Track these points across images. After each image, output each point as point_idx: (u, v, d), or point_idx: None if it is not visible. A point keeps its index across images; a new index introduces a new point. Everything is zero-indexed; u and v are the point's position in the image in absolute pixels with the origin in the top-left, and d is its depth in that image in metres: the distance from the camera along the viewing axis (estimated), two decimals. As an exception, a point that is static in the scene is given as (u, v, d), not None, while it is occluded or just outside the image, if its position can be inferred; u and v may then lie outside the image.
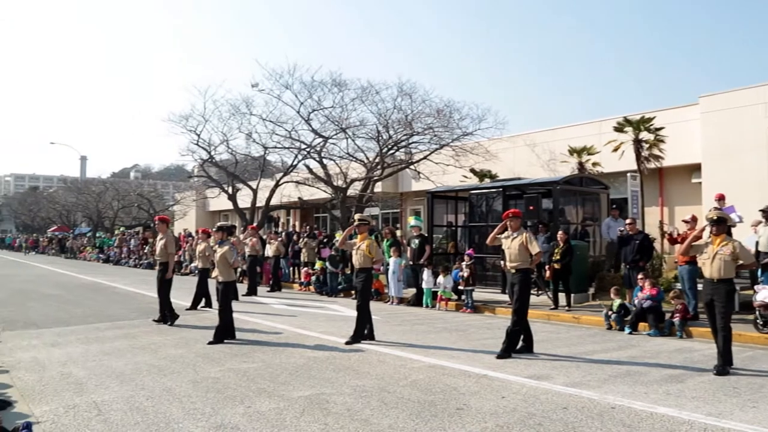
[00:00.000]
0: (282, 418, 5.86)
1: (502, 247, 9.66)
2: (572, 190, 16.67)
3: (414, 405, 6.27)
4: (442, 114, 22.84)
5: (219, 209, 42.55)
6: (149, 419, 5.84)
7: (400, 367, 8.15)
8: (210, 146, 28.22)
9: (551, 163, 21.89)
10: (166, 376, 7.58)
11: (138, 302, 15.84)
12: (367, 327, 10.13)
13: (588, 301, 14.46)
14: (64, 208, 59.91)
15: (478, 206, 17.55)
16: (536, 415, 5.95)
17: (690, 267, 11.82)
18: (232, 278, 10.57)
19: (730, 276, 8.05)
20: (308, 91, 23.83)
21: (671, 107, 19.60)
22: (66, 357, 8.79)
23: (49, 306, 14.93)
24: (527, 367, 8.16)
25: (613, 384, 7.19)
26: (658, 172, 19.64)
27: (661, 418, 5.83)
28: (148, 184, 66.97)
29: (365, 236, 10.37)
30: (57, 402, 6.45)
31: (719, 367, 7.79)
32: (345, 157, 25.17)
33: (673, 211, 19.81)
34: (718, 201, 13.13)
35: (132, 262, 33.79)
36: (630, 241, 12.90)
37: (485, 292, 15.67)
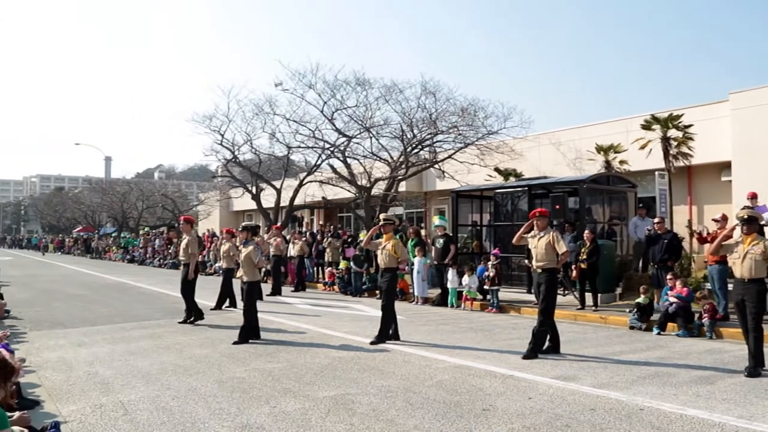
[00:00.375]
0: (307, 418, 5.86)
1: (528, 246, 9.58)
2: (599, 189, 16.48)
3: (439, 406, 6.24)
4: (466, 113, 22.72)
5: (243, 209, 42.78)
6: (175, 419, 5.87)
7: (425, 367, 8.12)
8: (234, 146, 28.41)
9: (577, 161, 21.69)
10: (191, 376, 7.62)
11: (163, 302, 15.98)
12: (392, 327, 10.11)
13: (615, 301, 14.29)
14: (89, 208, 60.71)
15: (503, 205, 17.45)
16: (563, 416, 5.88)
17: (720, 267, 11.63)
18: (256, 278, 10.62)
19: (761, 276, 7.90)
20: (331, 90, 23.87)
21: (700, 104, 19.32)
22: (92, 357, 8.89)
23: (74, 306, 15.12)
24: (554, 367, 8.09)
25: (641, 385, 7.09)
26: (687, 170, 19.35)
27: (691, 420, 5.74)
28: (172, 184, 67.61)
29: (390, 236, 10.36)
30: (84, 401, 6.52)
31: (750, 368, 7.65)
32: (369, 156, 25.16)
33: (702, 210, 19.52)
34: (751, 199, 12.90)
35: (157, 262, 34.14)
36: (658, 241, 12.73)
37: (511, 291, 15.57)
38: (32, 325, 11.97)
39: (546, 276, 9.04)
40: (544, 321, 8.94)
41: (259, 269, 10.89)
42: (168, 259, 32.52)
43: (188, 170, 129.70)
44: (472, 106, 22.83)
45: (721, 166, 18.61)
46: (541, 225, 9.24)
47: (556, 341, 9.14)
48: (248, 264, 10.39)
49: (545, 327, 8.97)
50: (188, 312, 12.09)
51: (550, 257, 9.03)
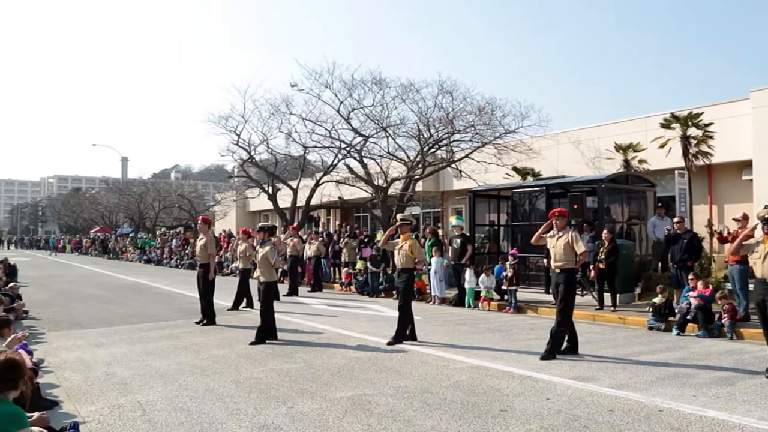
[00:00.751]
0: (325, 418, 5.87)
1: (546, 246, 9.53)
2: (617, 188, 16.35)
3: (457, 406, 6.22)
4: (483, 112, 22.62)
5: (259, 209, 42.95)
6: (193, 419, 5.90)
7: (442, 367, 8.10)
8: (250, 146, 28.48)
9: (596, 160, 21.54)
10: (209, 377, 7.66)
11: (180, 303, 16.07)
12: (408, 327, 10.10)
13: (634, 302, 14.18)
14: (106, 209, 61.20)
15: (520, 205, 17.38)
16: (581, 417, 5.84)
17: (741, 267, 11.49)
18: (273, 279, 10.65)
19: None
20: (348, 90, 23.85)
21: (720, 102, 19.09)
22: (110, 357, 8.96)
23: (92, 306, 15.24)
24: (572, 368, 8.03)
25: (660, 386, 7.03)
26: (707, 169, 19.14)
27: (711, 422, 5.67)
28: (189, 184, 67.98)
29: (408, 236, 10.33)
30: (102, 402, 6.57)
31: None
32: (385, 156, 25.13)
33: (723, 209, 19.31)
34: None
35: (173, 262, 34.33)
36: (678, 240, 12.62)
37: (528, 292, 15.50)
38: (50, 325, 12.09)
39: (564, 276, 8.98)
40: (562, 321, 8.88)
41: (275, 269, 10.91)
42: (185, 259, 32.71)
43: (204, 170, 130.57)
44: (489, 105, 22.72)
45: (742, 165, 18.40)
46: (560, 225, 9.18)
47: (574, 342, 9.09)
48: (265, 264, 10.43)
49: (563, 327, 8.92)
50: (203, 312, 12.12)
51: (568, 257, 8.97)
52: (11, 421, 3.80)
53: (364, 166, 25.34)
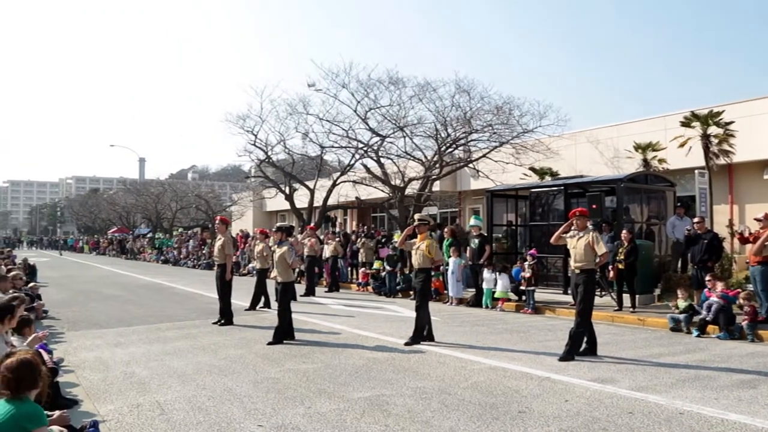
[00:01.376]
0: (342, 419, 5.86)
1: (566, 246, 9.46)
2: (637, 188, 16.19)
3: (475, 407, 6.19)
4: (501, 111, 22.52)
5: (276, 209, 43.07)
6: (211, 419, 5.92)
7: (460, 368, 8.07)
8: (267, 146, 28.54)
9: (615, 160, 21.39)
10: (226, 377, 7.68)
11: (197, 302, 16.15)
12: (426, 328, 10.07)
13: (653, 303, 14.05)
14: (123, 209, 61.62)
15: (538, 205, 17.29)
16: (601, 419, 5.79)
17: (762, 268, 11.34)
18: (291, 279, 10.68)
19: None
20: (365, 89, 23.84)
21: (741, 100, 18.88)
22: (129, 357, 9.02)
23: (111, 306, 15.36)
24: (591, 369, 7.97)
25: (681, 389, 6.95)
26: (728, 168, 18.94)
27: (733, 425, 5.60)
28: (206, 185, 68.40)
29: (425, 236, 10.29)
30: (121, 401, 6.62)
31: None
32: (402, 155, 25.09)
33: (744, 209, 19.09)
34: None
35: (190, 262, 34.51)
36: (698, 241, 12.48)
37: (546, 292, 15.40)
38: (70, 325, 12.21)
39: (584, 277, 8.91)
40: (581, 322, 8.82)
41: (293, 270, 10.92)
42: (202, 259, 32.88)
43: (221, 171, 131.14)
44: (507, 104, 22.60)
45: (764, 164, 18.19)
46: (581, 225, 9.11)
47: (593, 343, 9.01)
48: (282, 264, 10.45)
49: (582, 328, 8.85)
50: (221, 312, 12.17)
51: (589, 258, 8.89)
52: (29, 419, 3.84)
53: (381, 165, 25.32)
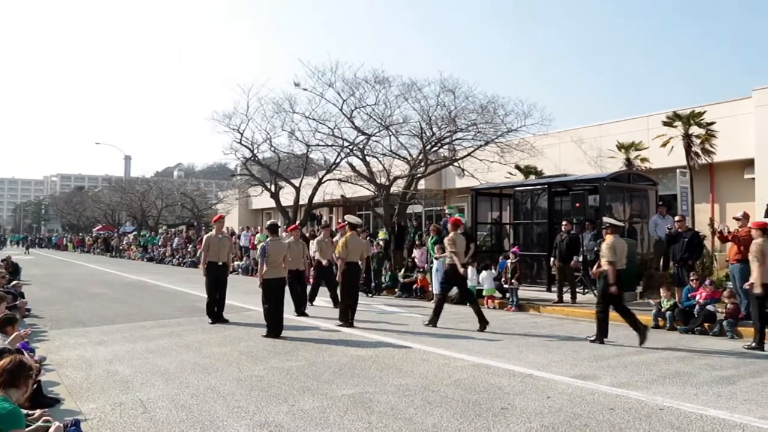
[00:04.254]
0: (326, 416, 5.89)
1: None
2: (619, 187, 16.36)
3: (458, 404, 6.24)
4: (486, 110, 22.62)
5: (262, 207, 42.98)
6: (194, 417, 5.92)
7: (443, 365, 8.11)
8: (253, 144, 28.47)
9: (598, 159, 21.55)
10: (210, 375, 7.68)
11: (182, 301, 16.09)
12: (348, 312, 11.56)
13: (636, 300, 14.17)
14: (108, 207, 61.27)
15: (523, 203, 17.40)
16: (582, 415, 5.86)
17: (742, 265, 11.48)
18: (282, 275, 10.80)
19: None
20: (351, 88, 23.84)
21: (723, 101, 19.09)
22: (112, 355, 8.97)
23: (95, 304, 15.25)
24: (573, 366, 8.05)
25: (661, 385, 7.04)
26: (709, 167, 19.16)
27: (712, 421, 5.69)
28: (192, 182, 68.16)
29: (348, 235, 11.62)
30: (104, 399, 6.59)
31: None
32: (388, 154, 25.13)
33: (725, 208, 19.30)
34: None
35: (176, 260, 34.35)
36: (679, 239, 12.62)
37: (530, 290, 15.51)
38: (53, 323, 12.11)
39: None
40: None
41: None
42: (187, 257, 32.74)
43: (207, 169, 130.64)
44: (491, 103, 22.69)
45: (744, 164, 18.39)
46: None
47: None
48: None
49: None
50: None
51: None
52: (4, 420, 3.78)
53: (366, 164, 25.35)
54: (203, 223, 44.29)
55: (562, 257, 14.16)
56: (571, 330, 11.28)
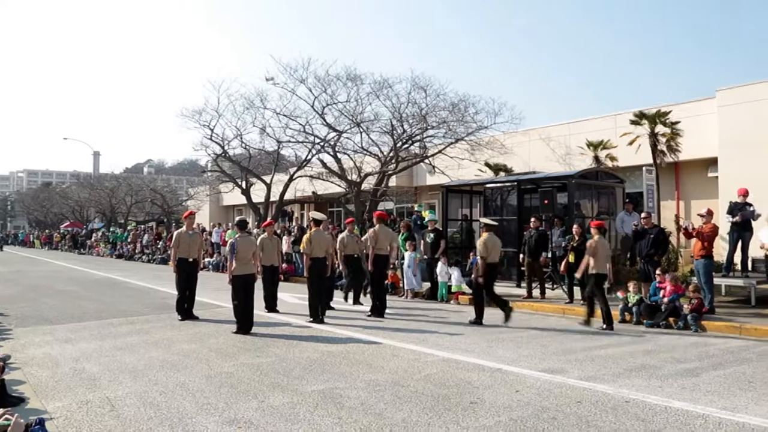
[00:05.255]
0: (295, 412, 5.89)
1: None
2: (587, 184, 16.57)
3: (428, 399, 6.28)
4: (456, 108, 22.78)
5: (233, 204, 42.72)
6: (162, 414, 5.88)
7: (414, 361, 8.16)
8: (223, 141, 28.36)
9: (567, 157, 21.79)
10: (179, 371, 7.62)
11: (151, 297, 15.93)
12: (318, 307, 11.68)
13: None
14: (76, 203, 60.34)
15: (493, 200, 17.53)
16: (550, 409, 5.94)
17: (706, 261, 11.76)
18: (250, 271, 10.74)
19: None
20: (323, 85, 23.87)
21: (688, 101, 19.43)
22: (79, 353, 8.85)
23: (62, 302, 15.01)
24: (541, 360, 8.15)
25: (627, 378, 7.17)
26: (675, 166, 19.49)
27: (676, 412, 5.81)
28: (162, 179, 67.35)
29: (311, 231, 11.86)
30: (70, 398, 6.49)
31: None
32: (359, 151, 25.19)
33: (689, 205, 19.67)
34: (742, 197, 13.05)
35: (145, 257, 33.98)
36: (645, 235, 12.83)
37: (499, 286, 15.60)
38: (18, 321, 11.86)
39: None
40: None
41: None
42: (156, 254, 32.39)
43: (178, 165, 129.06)
44: (462, 101, 22.91)
45: (708, 162, 18.74)
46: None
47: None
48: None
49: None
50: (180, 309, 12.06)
51: None
52: None
53: (337, 161, 25.36)
54: (173, 220, 43.88)
55: (531, 253, 14.31)
56: (540, 325, 11.41)
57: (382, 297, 12.55)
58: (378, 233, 12.64)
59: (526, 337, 10.01)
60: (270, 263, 12.86)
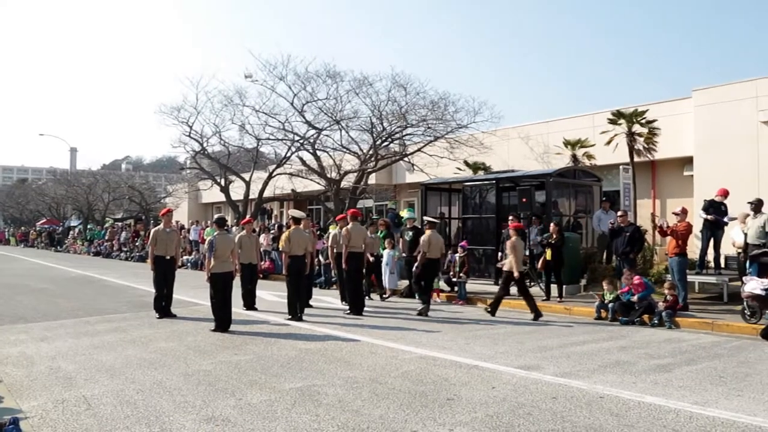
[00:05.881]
0: (273, 410, 5.90)
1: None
2: (565, 183, 16.74)
3: (405, 396, 6.33)
4: (436, 106, 22.84)
5: (212, 201, 42.49)
6: (139, 413, 5.86)
7: (391, 358, 8.20)
8: (202, 138, 28.10)
9: (545, 155, 21.92)
10: (156, 370, 7.60)
11: (129, 295, 15.83)
12: (295, 303, 11.65)
13: (580, 293, 14.54)
14: (53, 200, 59.53)
15: (471, 198, 17.63)
16: (526, 405, 6.01)
17: (680, 259, 11.94)
18: (229, 269, 10.72)
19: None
20: (302, 82, 23.76)
21: (664, 100, 19.64)
22: (55, 351, 8.78)
23: (38, 300, 14.88)
24: (518, 357, 8.24)
25: (602, 374, 7.27)
26: (651, 164, 19.71)
27: (649, 407, 5.91)
28: (140, 176, 66.67)
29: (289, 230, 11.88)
30: (46, 397, 6.45)
31: None
32: (338, 149, 25.15)
33: (665, 204, 19.89)
34: (722, 197, 13.26)
35: (123, 255, 33.70)
36: (621, 233, 12.99)
37: (477, 283, 15.75)
38: (-7, 320, 11.77)
39: None
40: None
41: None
42: (134, 252, 32.14)
43: (156, 162, 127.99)
44: (442, 100, 22.93)
45: (684, 161, 18.97)
46: None
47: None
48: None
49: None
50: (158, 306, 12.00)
51: None
52: None
53: (317, 158, 25.32)
54: (152, 217, 43.52)
55: (509, 251, 14.37)
56: (517, 322, 11.51)
57: (359, 295, 12.58)
58: (351, 231, 12.76)
59: (502, 334, 10.11)
60: (249, 261, 12.89)
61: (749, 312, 10.42)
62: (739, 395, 6.36)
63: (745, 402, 6.12)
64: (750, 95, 16.75)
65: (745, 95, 16.84)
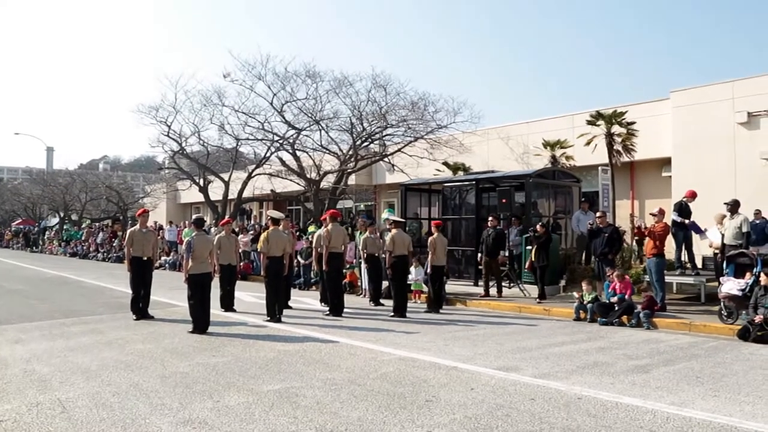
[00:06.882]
0: (251, 412, 5.84)
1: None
2: (545, 183, 16.80)
3: (383, 397, 6.29)
4: (416, 107, 22.87)
5: (190, 201, 42.23)
6: (115, 415, 5.77)
7: (370, 359, 8.17)
8: (181, 137, 27.93)
9: (525, 156, 22.03)
10: (133, 372, 7.49)
11: (105, 297, 15.64)
12: (275, 305, 11.58)
13: (559, 293, 14.60)
14: (29, 200, 58.81)
15: (451, 199, 17.64)
16: (504, 406, 6.00)
17: (657, 260, 12.01)
18: (206, 270, 10.63)
19: None
20: (281, 82, 23.70)
21: (643, 102, 19.81)
22: (29, 354, 8.64)
23: (12, 301, 14.66)
24: (497, 358, 8.23)
25: (580, 375, 7.29)
26: (630, 165, 19.86)
27: (626, 408, 5.93)
28: (117, 176, 66.07)
29: (270, 230, 11.82)
30: (19, 400, 6.33)
31: None
32: (318, 149, 25.11)
33: (644, 205, 20.05)
34: (689, 198, 13.37)
35: (100, 255, 33.35)
36: (600, 234, 13.05)
37: (457, 284, 15.76)
38: (-35, 322, 11.56)
39: None
40: None
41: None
42: (112, 252, 31.82)
43: (134, 162, 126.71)
44: (422, 100, 23.01)
45: (662, 162, 19.15)
46: None
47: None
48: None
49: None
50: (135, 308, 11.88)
51: None
52: None
53: (296, 159, 25.25)
54: (129, 218, 43.12)
55: (488, 252, 14.42)
56: (496, 323, 11.52)
57: (339, 296, 12.53)
58: (331, 232, 12.72)
59: (482, 336, 10.11)
60: (227, 262, 12.79)
61: (726, 313, 10.52)
62: (716, 396, 6.40)
63: (722, 402, 6.16)
64: (727, 97, 16.93)
65: (723, 96, 17.01)
